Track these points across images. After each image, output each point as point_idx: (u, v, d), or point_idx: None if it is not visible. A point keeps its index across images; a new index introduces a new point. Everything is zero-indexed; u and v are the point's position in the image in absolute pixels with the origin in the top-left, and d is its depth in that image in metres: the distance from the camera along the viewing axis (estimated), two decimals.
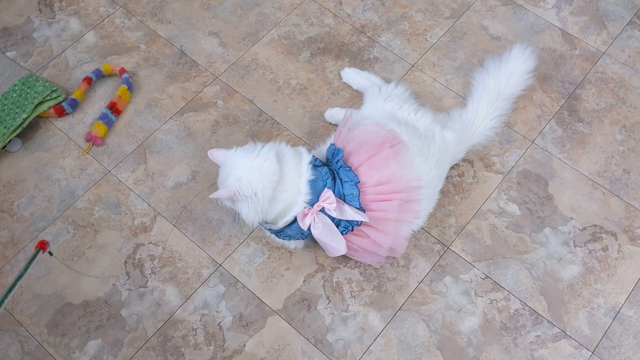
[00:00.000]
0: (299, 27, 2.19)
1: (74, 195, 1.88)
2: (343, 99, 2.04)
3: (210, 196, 1.59)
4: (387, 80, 2.02)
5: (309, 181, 1.60)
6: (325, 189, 1.60)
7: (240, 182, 1.56)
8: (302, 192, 1.60)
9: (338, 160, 1.64)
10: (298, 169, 1.62)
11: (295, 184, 1.60)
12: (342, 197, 1.61)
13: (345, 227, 1.62)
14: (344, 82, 2.06)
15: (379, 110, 1.82)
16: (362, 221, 1.61)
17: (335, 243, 1.62)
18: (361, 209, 1.61)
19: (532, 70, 1.95)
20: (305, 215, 1.60)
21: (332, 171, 1.64)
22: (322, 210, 1.60)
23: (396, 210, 1.61)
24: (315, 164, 1.64)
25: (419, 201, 1.66)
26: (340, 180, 1.62)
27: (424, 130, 1.76)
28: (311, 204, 1.61)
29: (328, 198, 1.59)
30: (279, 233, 1.70)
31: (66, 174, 1.92)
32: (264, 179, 1.57)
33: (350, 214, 1.59)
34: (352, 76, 2.04)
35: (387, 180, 1.62)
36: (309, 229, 1.61)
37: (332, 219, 1.61)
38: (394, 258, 1.77)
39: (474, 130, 1.87)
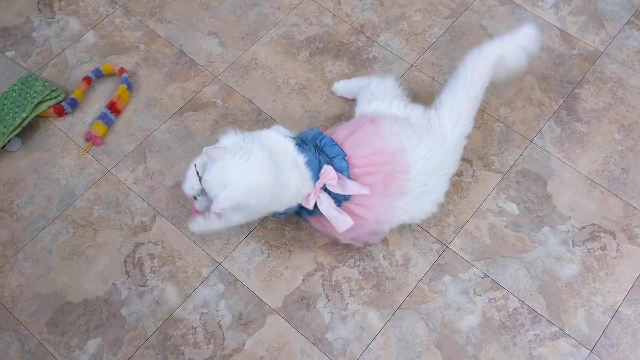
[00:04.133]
0: (298, 27, 2.20)
1: (74, 194, 1.88)
2: (342, 98, 2.04)
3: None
4: None
5: (306, 163, 1.60)
6: (325, 165, 1.60)
7: (242, 193, 1.52)
8: (305, 176, 1.60)
9: (322, 137, 1.65)
10: (291, 161, 1.60)
11: (294, 176, 1.59)
12: None
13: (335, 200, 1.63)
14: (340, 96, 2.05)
15: (371, 110, 1.82)
16: (349, 196, 1.61)
17: (342, 215, 1.61)
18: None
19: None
20: (308, 195, 1.61)
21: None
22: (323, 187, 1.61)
23: (382, 184, 1.62)
24: (299, 144, 1.65)
25: (406, 171, 1.64)
26: (328, 156, 1.63)
27: (417, 120, 1.74)
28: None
29: (328, 174, 1.59)
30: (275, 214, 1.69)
31: (66, 174, 1.92)
32: (263, 180, 1.54)
33: (353, 188, 1.59)
34: (343, 86, 2.02)
35: (370, 153, 1.62)
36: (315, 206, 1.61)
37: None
38: (384, 241, 1.78)
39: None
